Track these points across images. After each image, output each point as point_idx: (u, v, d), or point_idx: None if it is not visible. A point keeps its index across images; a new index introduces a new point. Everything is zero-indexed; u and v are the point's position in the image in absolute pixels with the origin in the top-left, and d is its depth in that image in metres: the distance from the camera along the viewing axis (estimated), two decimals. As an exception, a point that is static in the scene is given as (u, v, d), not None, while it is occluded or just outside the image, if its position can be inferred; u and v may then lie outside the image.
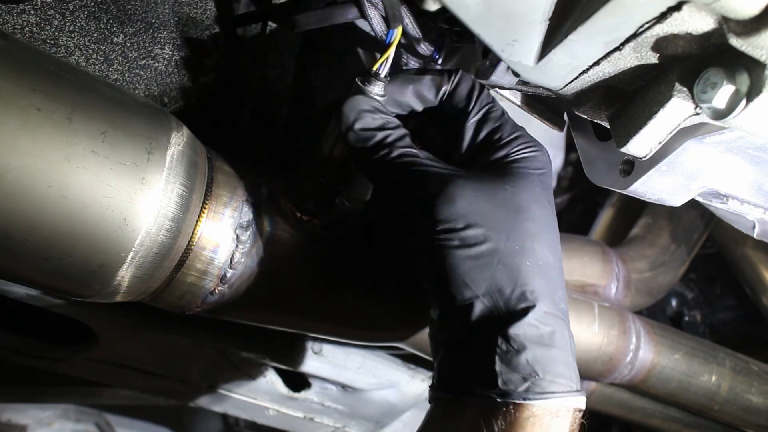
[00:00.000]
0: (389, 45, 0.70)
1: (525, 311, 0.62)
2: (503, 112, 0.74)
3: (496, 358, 0.62)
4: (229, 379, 1.24)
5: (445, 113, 0.75)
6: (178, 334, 1.08)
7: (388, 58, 0.70)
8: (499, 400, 0.61)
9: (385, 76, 0.71)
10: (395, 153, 0.68)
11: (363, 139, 0.69)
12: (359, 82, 0.71)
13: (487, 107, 0.73)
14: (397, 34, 0.69)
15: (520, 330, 0.61)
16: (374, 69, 0.70)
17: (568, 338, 0.64)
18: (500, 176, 0.68)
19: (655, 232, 1.37)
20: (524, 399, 0.60)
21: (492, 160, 0.70)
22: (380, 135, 0.69)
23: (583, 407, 0.63)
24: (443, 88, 0.74)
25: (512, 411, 0.60)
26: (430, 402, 0.69)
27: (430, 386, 0.69)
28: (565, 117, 0.77)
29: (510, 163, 0.69)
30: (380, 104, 0.71)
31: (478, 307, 0.63)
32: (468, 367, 0.64)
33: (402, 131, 0.70)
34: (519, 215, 0.65)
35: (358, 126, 0.69)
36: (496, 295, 0.63)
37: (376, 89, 0.71)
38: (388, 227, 0.78)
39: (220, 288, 0.72)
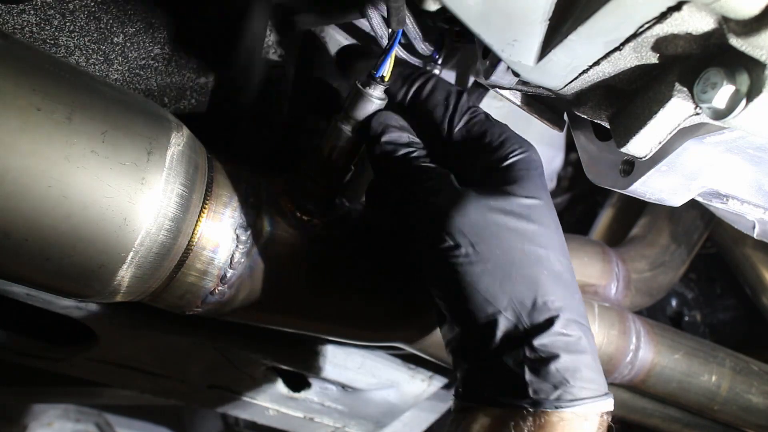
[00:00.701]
0: (388, 47, 0.69)
1: (550, 321, 0.62)
2: (486, 115, 0.74)
3: (526, 368, 0.62)
4: (229, 379, 1.24)
5: (428, 122, 0.74)
6: (178, 334, 1.08)
7: (387, 60, 0.70)
8: (531, 409, 0.61)
9: (385, 79, 0.71)
10: (415, 168, 0.69)
11: (387, 152, 0.70)
12: (359, 85, 0.71)
13: (469, 112, 0.72)
14: (396, 37, 0.69)
15: (546, 340, 0.62)
16: (373, 71, 0.70)
17: (591, 343, 0.65)
18: (505, 183, 0.67)
19: (655, 232, 1.37)
20: (556, 407, 0.60)
21: (488, 165, 0.69)
22: (404, 150, 0.70)
23: (611, 409, 0.64)
24: (410, 84, 0.73)
25: (541, 416, 0.60)
26: (454, 411, 0.69)
27: (454, 395, 0.69)
28: (565, 117, 0.77)
29: (510, 167, 0.68)
30: (406, 123, 0.72)
31: (502, 322, 0.63)
32: (496, 379, 0.64)
33: (425, 151, 0.71)
34: (531, 224, 0.65)
35: (384, 139, 0.70)
36: (519, 308, 0.63)
37: (376, 92, 0.71)
38: (400, 241, 0.78)
39: (220, 288, 0.72)
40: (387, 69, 0.70)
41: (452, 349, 0.70)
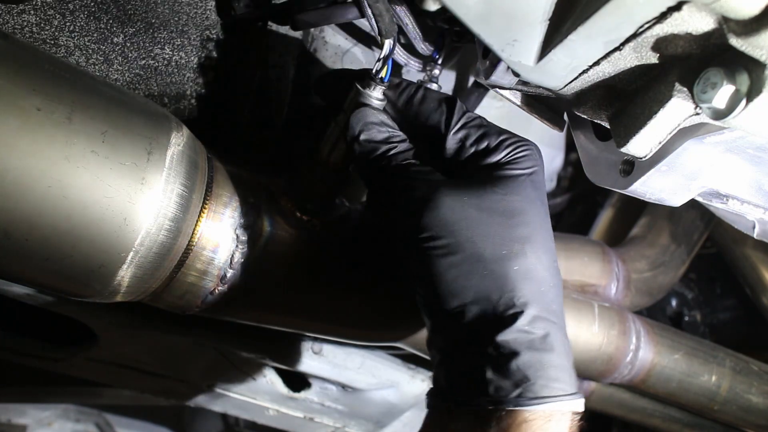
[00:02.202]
0: (387, 51, 0.69)
1: (514, 317, 0.62)
2: (481, 118, 0.72)
3: (487, 365, 0.61)
4: (229, 379, 1.24)
5: (423, 131, 0.73)
6: (178, 334, 1.08)
7: (386, 62, 0.70)
8: (490, 407, 0.60)
9: (384, 80, 0.71)
10: (394, 164, 0.68)
11: (367, 150, 0.69)
12: (359, 86, 0.71)
13: (465, 118, 0.71)
14: (390, 45, 0.69)
15: (509, 336, 0.61)
16: (373, 73, 0.70)
17: (561, 341, 0.64)
18: (489, 181, 0.67)
19: (655, 232, 1.37)
20: (516, 405, 0.60)
21: (482, 167, 0.69)
22: (384, 147, 0.69)
23: (581, 410, 0.63)
24: (401, 98, 0.72)
25: (505, 417, 0.60)
26: (427, 408, 0.69)
27: (426, 393, 0.69)
28: (565, 117, 0.77)
29: (500, 167, 0.68)
30: (386, 117, 0.71)
31: (467, 315, 0.63)
32: (460, 375, 0.64)
33: (406, 145, 0.70)
34: (508, 219, 0.64)
35: (363, 137, 0.69)
36: (484, 302, 0.62)
37: (376, 93, 0.71)
38: (382, 234, 0.78)
39: (220, 288, 0.72)
40: (386, 70, 0.70)
41: (427, 342, 0.70)
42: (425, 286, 0.65)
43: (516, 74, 0.63)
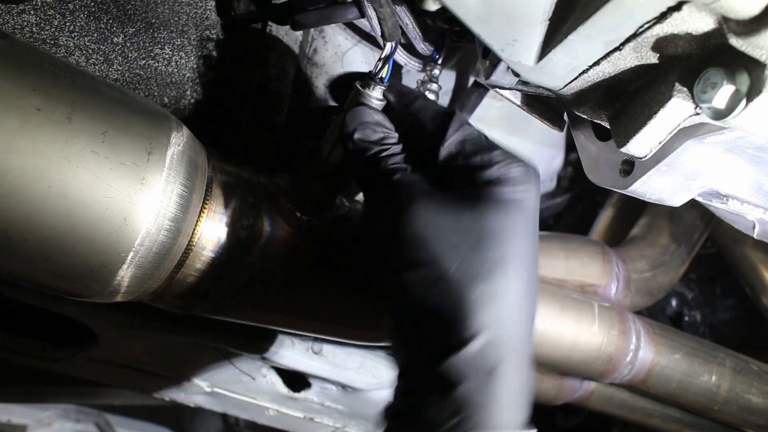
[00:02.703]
0: (389, 53, 0.69)
1: (464, 342, 0.58)
2: (478, 132, 0.70)
3: (431, 389, 0.59)
4: (229, 379, 1.24)
5: (420, 140, 0.71)
6: (178, 334, 1.08)
7: (386, 62, 0.70)
8: None
9: (385, 80, 0.71)
10: (383, 166, 0.67)
11: (360, 150, 0.68)
12: (359, 86, 0.71)
13: (460, 132, 0.68)
14: (391, 46, 0.69)
15: (456, 362, 0.58)
16: (373, 73, 0.70)
17: (516, 370, 0.60)
18: (471, 199, 0.64)
19: (655, 232, 1.37)
20: None
21: (469, 184, 0.66)
22: (376, 149, 0.68)
23: None
24: (398, 105, 0.71)
25: None
26: (379, 425, 0.67)
27: (383, 408, 0.67)
28: (565, 117, 0.77)
29: (487, 186, 0.64)
30: (383, 117, 0.70)
31: (422, 334, 0.61)
32: (408, 396, 0.62)
33: (398, 149, 0.69)
34: (481, 240, 0.61)
35: (357, 136, 0.68)
36: (439, 322, 0.60)
37: (375, 93, 0.71)
38: (368, 237, 0.77)
39: (219, 288, 0.72)
40: (386, 70, 0.70)
41: (394, 357, 0.68)
42: (391, 297, 0.64)
43: (516, 74, 0.63)
